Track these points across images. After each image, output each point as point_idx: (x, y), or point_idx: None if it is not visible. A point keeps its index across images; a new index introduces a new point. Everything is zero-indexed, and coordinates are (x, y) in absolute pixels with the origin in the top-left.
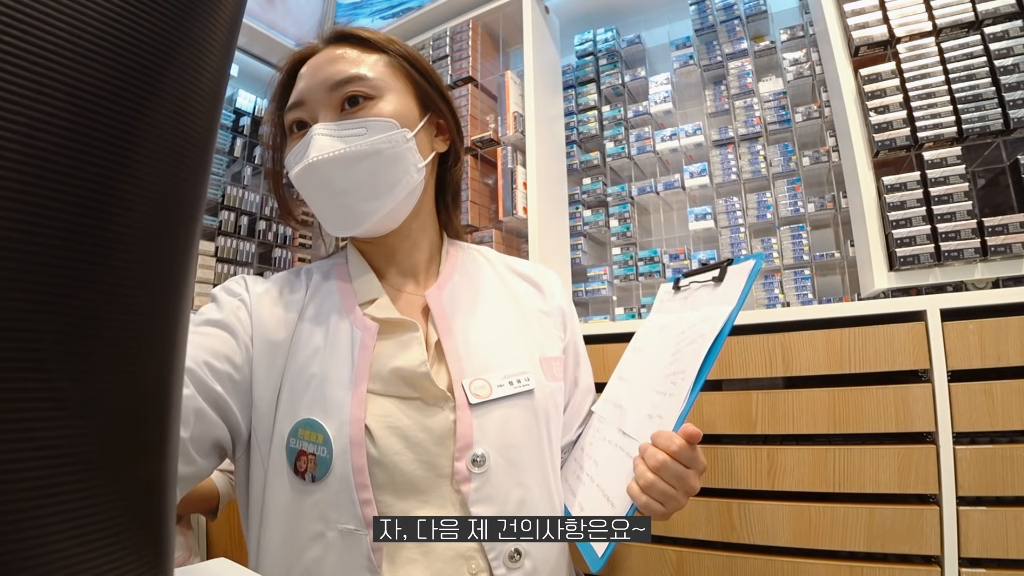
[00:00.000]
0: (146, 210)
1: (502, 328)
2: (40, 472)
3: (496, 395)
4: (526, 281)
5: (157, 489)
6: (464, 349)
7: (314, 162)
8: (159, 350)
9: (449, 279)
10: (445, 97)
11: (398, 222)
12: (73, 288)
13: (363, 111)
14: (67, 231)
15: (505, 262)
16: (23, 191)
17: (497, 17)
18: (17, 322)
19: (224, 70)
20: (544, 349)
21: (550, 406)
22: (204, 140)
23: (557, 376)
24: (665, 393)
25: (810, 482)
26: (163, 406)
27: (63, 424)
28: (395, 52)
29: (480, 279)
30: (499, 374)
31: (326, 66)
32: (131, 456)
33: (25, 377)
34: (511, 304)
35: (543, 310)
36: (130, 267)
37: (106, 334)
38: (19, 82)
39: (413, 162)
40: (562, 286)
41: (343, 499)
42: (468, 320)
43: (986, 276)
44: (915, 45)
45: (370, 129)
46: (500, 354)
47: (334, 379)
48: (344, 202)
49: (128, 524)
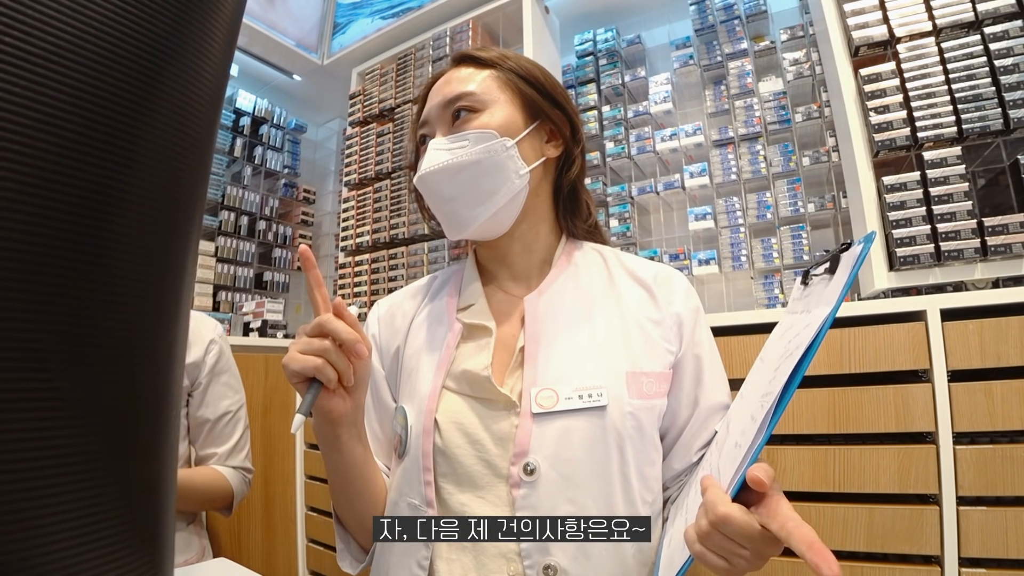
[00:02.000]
0: (145, 210)
1: (594, 338)
2: (40, 471)
3: (561, 407)
4: (640, 285)
5: (156, 488)
6: (544, 357)
7: (424, 173)
8: (159, 350)
9: (552, 283)
10: (559, 104)
11: (506, 226)
12: (73, 288)
13: (467, 124)
14: (67, 231)
15: (624, 264)
16: (24, 191)
17: (497, 17)
18: (18, 322)
19: (224, 70)
20: (637, 363)
21: (628, 425)
22: (204, 140)
23: (649, 393)
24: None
25: (810, 482)
26: (162, 406)
27: (63, 424)
28: (505, 67)
29: (588, 284)
30: (571, 386)
31: (443, 87)
32: (130, 455)
33: (26, 377)
34: (614, 311)
35: (653, 318)
36: (129, 267)
37: (106, 334)
38: (20, 83)
39: (514, 169)
40: (686, 291)
41: (413, 478)
42: (559, 327)
43: (986, 276)
44: (915, 45)
45: (472, 140)
46: (579, 365)
47: (423, 373)
48: (451, 208)
49: (127, 523)
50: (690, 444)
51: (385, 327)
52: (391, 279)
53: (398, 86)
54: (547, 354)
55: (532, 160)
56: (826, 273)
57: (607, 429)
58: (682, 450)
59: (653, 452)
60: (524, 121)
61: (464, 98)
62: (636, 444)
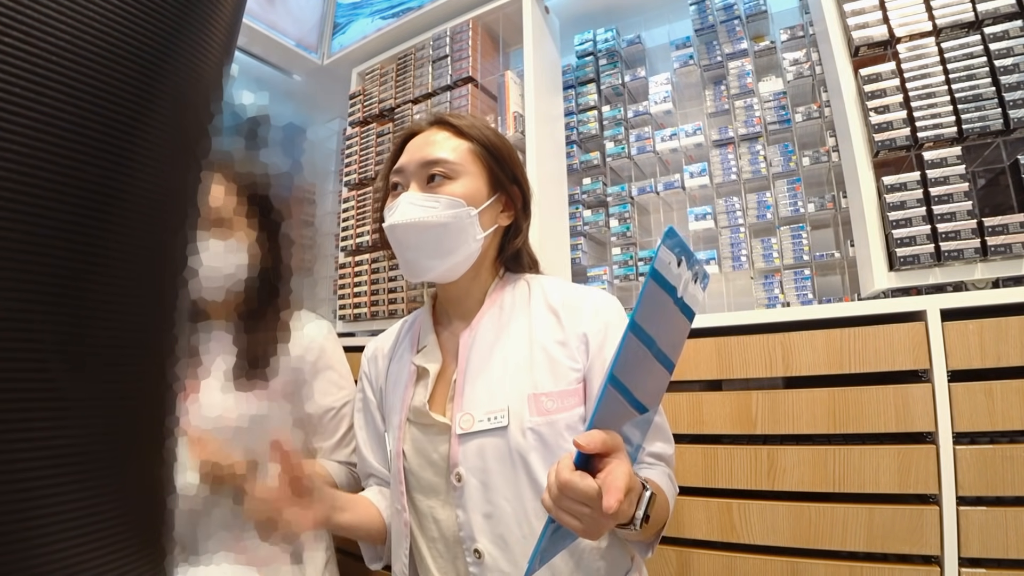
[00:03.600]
0: (145, 210)
1: (506, 365)
2: (40, 471)
3: (476, 428)
4: (549, 311)
5: (156, 488)
6: (468, 387)
7: (396, 223)
8: (159, 350)
9: (480, 320)
10: (517, 180)
11: (457, 275)
12: (73, 287)
13: (441, 188)
14: (67, 231)
15: (545, 292)
16: (25, 191)
17: (497, 17)
18: (19, 322)
19: (224, 70)
20: (539, 384)
21: (530, 439)
22: (203, 140)
23: (551, 409)
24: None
25: (810, 482)
26: (162, 406)
27: (64, 423)
28: (478, 140)
29: (508, 316)
30: (483, 410)
31: (424, 147)
32: (130, 455)
33: (26, 377)
34: (523, 339)
35: (558, 339)
36: (129, 266)
37: (106, 333)
38: (21, 83)
39: (473, 234)
40: (595, 311)
41: (395, 489)
42: (481, 359)
43: (986, 276)
44: (915, 45)
45: (442, 204)
46: (491, 392)
47: (394, 407)
48: (413, 256)
49: (127, 523)
50: None
51: (372, 366)
52: (391, 279)
53: (398, 86)
54: (471, 384)
55: (488, 226)
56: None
57: (511, 445)
58: None
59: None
60: (487, 193)
61: (441, 164)
62: (541, 453)
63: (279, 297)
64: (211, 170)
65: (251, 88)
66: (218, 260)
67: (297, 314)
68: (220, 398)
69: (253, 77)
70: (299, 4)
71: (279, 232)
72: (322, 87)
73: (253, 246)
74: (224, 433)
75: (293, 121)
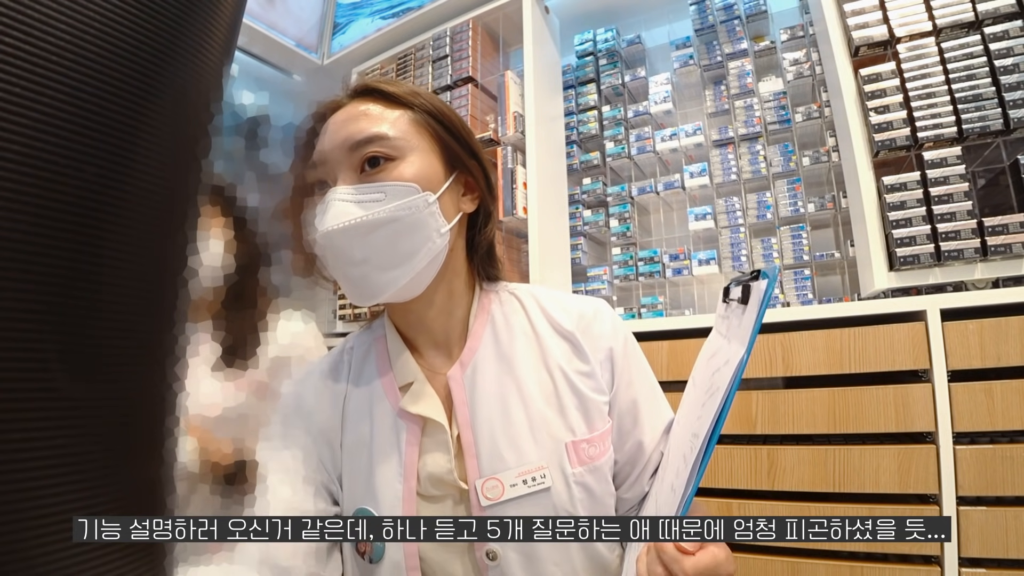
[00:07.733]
0: (145, 210)
1: (529, 410)
2: (40, 472)
3: (508, 496)
4: (563, 338)
5: (155, 489)
6: (482, 443)
7: (331, 230)
8: (159, 351)
9: (475, 352)
10: (475, 153)
11: (421, 289)
12: (74, 288)
13: (383, 174)
14: (67, 231)
15: (546, 312)
16: (24, 191)
17: (497, 17)
18: (19, 322)
19: (224, 70)
20: (576, 429)
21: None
22: (203, 139)
23: (592, 456)
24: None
25: (810, 482)
26: (162, 407)
27: (64, 424)
28: (420, 107)
29: (510, 344)
30: (513, 472)
31: (348, 124)
32: (130, 456)
33: (27, 377)
34: (543, 374)
35: (581, 371)
36: (129, 267)
37: (107, 334)
38: (21, 83)
39: (435, 227)
40: (612, 330)
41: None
42: (491, 406)
43: (986, 276)
44: (915, 45)
45: (389, 194)
46: (518, 447)
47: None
48: (362, 272)
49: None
50: (642, 478)
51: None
52: None
53: None
54: (487, 439)
55: (451, 216)
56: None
57: (557, 507)
58: (635, 485)
59: (608, 500)
60: (444, 173)
61: (377, 142)
62: (588, 506)
63: (259, 294)
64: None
65: (251, 88)
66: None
67: (283, 311)
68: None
69: (253, 77)
70: (299, 4)
71: (255, 232)
72: (322, 87)
73: (231, 243)
74: (207, 423)
75: (293, 121)
